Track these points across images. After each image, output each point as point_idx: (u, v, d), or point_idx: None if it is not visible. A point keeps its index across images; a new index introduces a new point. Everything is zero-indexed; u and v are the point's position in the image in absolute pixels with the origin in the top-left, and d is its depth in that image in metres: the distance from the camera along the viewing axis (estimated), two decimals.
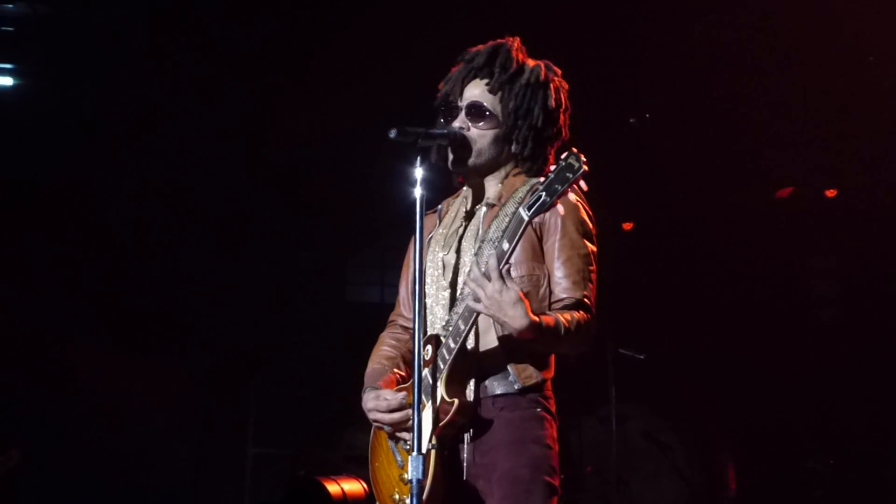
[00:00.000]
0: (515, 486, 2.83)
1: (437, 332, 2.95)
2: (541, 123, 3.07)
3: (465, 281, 2.85)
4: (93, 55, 7.00)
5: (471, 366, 2.91)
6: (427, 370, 2.89)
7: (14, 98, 7.34)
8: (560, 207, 2.75)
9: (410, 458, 2.64)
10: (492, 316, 2.77)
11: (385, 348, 3.23)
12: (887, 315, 7.29)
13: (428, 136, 2.95)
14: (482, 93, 3.10)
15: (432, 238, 3.17)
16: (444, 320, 2.99)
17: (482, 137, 3.07)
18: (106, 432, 7.40)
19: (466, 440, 2.89)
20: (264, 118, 7.39)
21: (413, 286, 2.79)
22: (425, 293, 3.07)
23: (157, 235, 7.83)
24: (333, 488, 6.08)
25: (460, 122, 3.09)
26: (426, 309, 3.06)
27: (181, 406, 7.54)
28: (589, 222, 3.03)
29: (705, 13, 6.37)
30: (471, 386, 2.90)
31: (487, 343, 2.93)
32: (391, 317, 3.35)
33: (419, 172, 2.83)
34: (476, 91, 3.11)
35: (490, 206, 3.06)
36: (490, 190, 3.11)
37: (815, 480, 7.11)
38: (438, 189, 3.20)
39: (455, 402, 2.82)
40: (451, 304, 3.00)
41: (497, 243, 2.81)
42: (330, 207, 8.23)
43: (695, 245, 7.88)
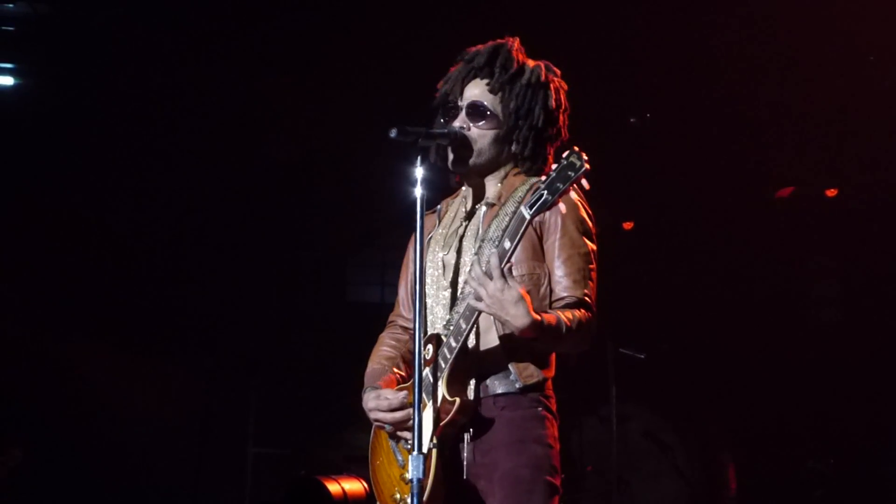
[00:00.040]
0: (517, 486, 2.83)
1: (438, 332, 2.95)
2: (541, 123, 3.08)
3: (467, 280, 2.84)
4: (93, 55, 7.00)
5: (472, 365, 2.91)
6: (428, 369, 2.89)
7: (14, 98, 7.33)
8: (562, 206, 2.76)
9: (411, 458, 2.64)
10: (493, 315, 2.77)
11: (384, 348, 3.23)
12: (887, 315, 7.29)
13: (428, 136, 2.95)
14: (483, 93, 3.10)
15: (432, 238, 3.17)
16: (445, 320, 2.99)
17: (483, 137, 3.07)
18: (106, 432, 7.39)
19: (467, 440, 2.89)
20: (264, 118, 7.39)
21: (412, 286, 2.79)
22: (425, 293, 3.07)
23: (158, 235, 7.83)
24: (334, 488, 6.08)
25: (461, 122, 3.08)
26: (426, 309, 3.06)
27: (181, 406, 7.54)
28: (588, 221, 3.03)
29: (705, 13, 6.37)
30: (471, 385, 2.90)
31: (488, 342, 2.93)
32: (390, 317, 3.35)
33: (420, 172, 2.83)
34: (476, 91, 3.11)
35: (490, 206, 3.06)
36: (490, 189, 3.11)
37: (816, 480, 7.12)
38: (439, 189, 3.20)
39: (457, 401, 2.82)
40: (452, 304, 3.00)
41: (498, 242, 2.81)
42: (330, 207, 8.23)
43: (695, 245, 7.87)
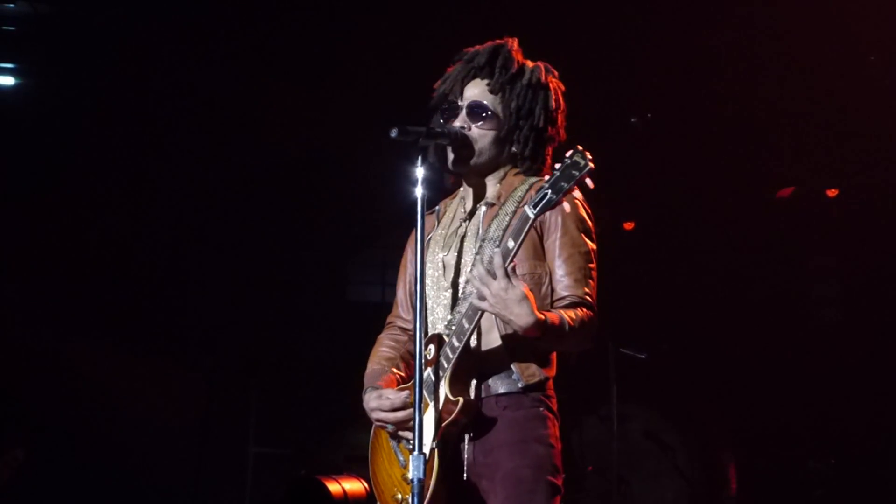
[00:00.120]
0: (519, 486, 2.83)
1: (439, 332, 2.94)
2: (542, 124, 3.08)
3: (469, 279, 2.84)
4: (94, 55, 6.99)
5: (474, 365, 2.90)
6: (430, 369, 2.88)
7: (15, 97, 7.33)
8: (566, 205, 2.76)
9: (412, 458, 2.64)
10: (497, 314, 2.77)
11: (383, 349, 3.22)
12: (887, 315, 7.28)
13: (429, 136, 2.95)
14: (483, 92, 3.10)
15: (431, 239, 3.16)
16: (447, 320, 2.98)
17: (483, 137, 3.07)
18: (107, 431, 7.39)
19: (467, 440, 2.88)
20: (265, 118, 7.38)
21: (412, 287, 2.78)
22: (425, 294, 3.06)
23: (158, 235, 7.83)
24: (334, 487, 6.08)
25: (461, 122, 3.08)
26: (426, 310, 3.05)
27: (182, 406, 7.53)
28: (588, 220, 3.03)
29: (706, 13, 6.37)
30: (472, 385, 2.90)
31: (490, 342, 2.93)
32: (389, 318, 3.34)
33: (420, 172, 2.84)
34: (476, 91, 3.11)
35: (490, 206, 3.06)
36: (489, 189, 3.11)
37: (816, 480, 7.12)
38: (439, 188, 3.20)
39: (460, 401, 2.81)
40: (453, 305, 2.99)
41: (499, 242, 2.81)
42: (330, 207, 8.23)
43: (695, 245, 7.87)
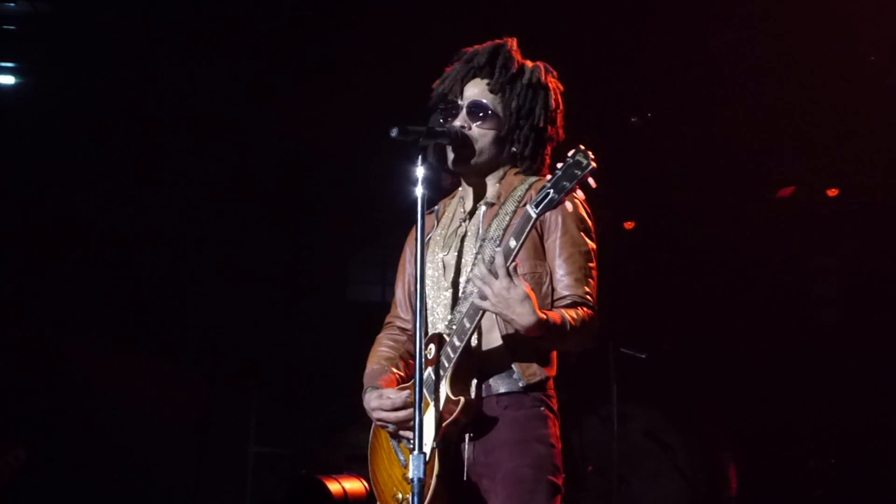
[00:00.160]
0: (519, 486, 2.83)
1: (440, 332, 2.94)
2: (542, 123, 3.09)
3: (470, 278, 2.84)
4: (94, 54, 6.99)
5: (475, 364, 2.90)
6: (430, 369, 2.89)
7: (16, 97, 7.33)
8: (568, 204, 2.76)
9: (412, 457, 2.64)
10: (499, 313, 2.77)
11: (383, 349, 3.23)
12: (887, 315, 7.28)
13: (429, 135, 2.95)
14: (483, 92, 3.11)
15: (430, 239, 3.16)
16: (447, 320, 2.98)
17: (483, 136, 3.08)
18: (107, 431, 7.39)
19: (468, 439, 2.88)
20: (265, 118, 7.39)
21: (411, 287, 2.78)
22: (425, 294, 3.06)
23: (159, 235, 7.83)
24: (335, 487, 6.08)
25: (461, 121, 3.08)
26: (427, 310, 3.05)
27: (182, 406, 7.53)
28: (588, 219, 3.04)
29: (706, 13, 6.37)
30: (473, 385, 2.90)
31: (491, 342, 2.93)
32: (387, 318, 3.34)
33: (421, 171, 2.84)
34: (476, 90, 3.12)
35: (490, 206, 3.06)
36: (489, 189, 3.12)
37: (816, 480, 7.12)
38: (439, 188, 3.20)
39: (461, 401, 2.81)
40: (453, 305, 2.99)
41: (500, 241, 2.81)
42: (331, 207, 8.23)
43: (695, 245, 7.87)
